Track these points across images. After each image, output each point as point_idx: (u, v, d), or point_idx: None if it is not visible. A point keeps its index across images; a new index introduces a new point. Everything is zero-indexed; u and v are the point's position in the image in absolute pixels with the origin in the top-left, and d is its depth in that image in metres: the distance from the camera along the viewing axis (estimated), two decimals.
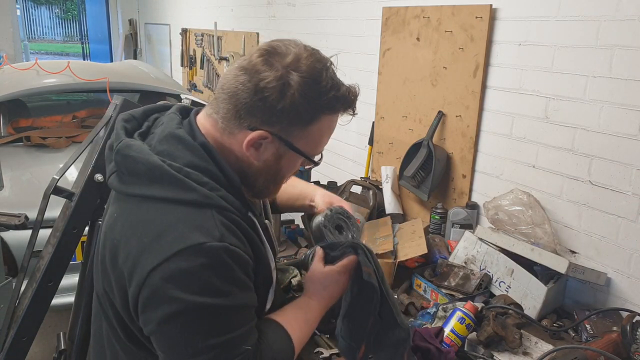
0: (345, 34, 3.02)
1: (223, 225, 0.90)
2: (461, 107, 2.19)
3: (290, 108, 0.91)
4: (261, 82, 0.90)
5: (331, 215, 1.25)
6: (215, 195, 0.92)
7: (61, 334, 1.56)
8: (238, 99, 0.92)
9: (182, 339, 0.87)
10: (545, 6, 1.82)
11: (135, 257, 0.88)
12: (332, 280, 1.13)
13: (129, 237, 0.91)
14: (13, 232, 2.26)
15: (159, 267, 0.85)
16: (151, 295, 0.86)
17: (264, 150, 0.97)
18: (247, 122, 0.93)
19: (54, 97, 4.35)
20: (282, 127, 0.94)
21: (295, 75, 0.91)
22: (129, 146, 0.94)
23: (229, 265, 0.88)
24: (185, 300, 0.85)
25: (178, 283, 0.85)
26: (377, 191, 2.40)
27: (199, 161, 0.94)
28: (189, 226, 0.87)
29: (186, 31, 5.78)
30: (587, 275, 1.67)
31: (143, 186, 0.92)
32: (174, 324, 0.86)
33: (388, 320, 1.17)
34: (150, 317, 0.88)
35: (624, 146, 1.63)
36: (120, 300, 0.94)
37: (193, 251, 0.85)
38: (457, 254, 1.93)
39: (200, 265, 0.85)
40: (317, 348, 1.48)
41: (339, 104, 0.97)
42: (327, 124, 0.99)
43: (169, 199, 0.90)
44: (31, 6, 23.92)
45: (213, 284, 0.86)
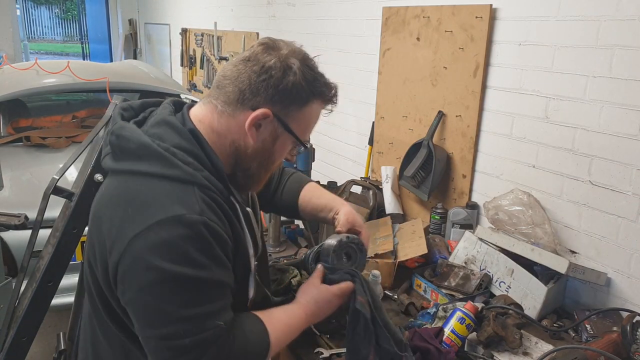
0: (345, 34, 3.02)
1: (204, 201, 0.95)
2: (461, 107, 2.19)
3: (291, 87, 1.01)
4: (266, 63, 1.00)
5: (345, 242, 1.27)
6: (197, 174, 0.97)
7: (61, 334, 1.56)
8: (243, 81, 1.01)
9: (157, 308, 0.90)
10: (545, 6, 1.82)
11: (119, 226, 0.93)
12: (325, 298, 1.17)
13: (114, 208, 0.96)
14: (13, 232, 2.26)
15: (140, 235, 0.89)
16: (131, 263, 0.90)
17: (263, 130, 1.04)
18: (250, 102, 1.01)
19: (54, 97, 4.35)
20: (283, 106, 1.03)
21: (295, 60, 1.02)
22: (123, 127, 1.02)
23: (206, 239, 0.92)
24: (163, 269, 0.88)
25: (157, 252, 0.89)
26: (377, 191, 2.40)
27: (185, 144, 1.00)
28: (171, 199, 0.92)
29: (186, 31, 5.78)
30: (587, 275, 1.67)
31: (132, 162, 0.98)
32: (150, 292, 0.90)
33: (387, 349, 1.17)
34: (129, 285, 0.92)
35: (624, 146, 1.63)
36: (102, 270, 0.98)
37: (173, 222, 0.90)
38: (457, 254, 1.93)
39: (179, 236, 0.90)
40: (317, 348, 1.48)
41: (327, 91, 1.08)
42: (315, 110, 1.09)
43: (154, 173, 0.95)
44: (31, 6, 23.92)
45: (190, 255, 0.90)
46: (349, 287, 1.18)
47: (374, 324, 1.16)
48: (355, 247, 1.28)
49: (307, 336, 1.51)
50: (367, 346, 1.14)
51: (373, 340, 1.15)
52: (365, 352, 1.15)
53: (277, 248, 2.17)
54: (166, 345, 0.91)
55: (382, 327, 1.17)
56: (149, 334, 0.93)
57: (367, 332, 1.15)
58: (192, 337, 0.91)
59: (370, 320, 1.15)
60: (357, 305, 1.15)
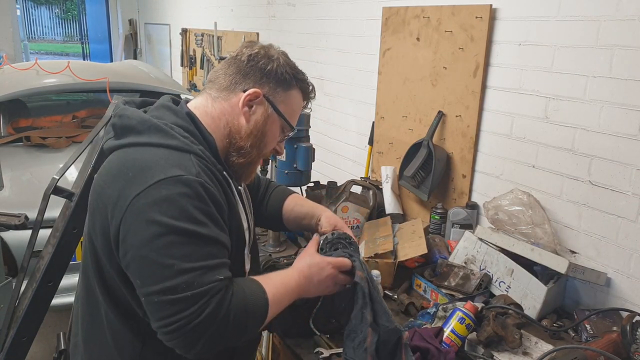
0: (345, 34, 3.02)
1: (200, 167, 1.03)
2: (461, 107, 2.19)
3: (276, 70, 1.15)
4: (251, 53, 1.15)
5: (332, 238, 1.30)
6: (194, 146, 1.06)
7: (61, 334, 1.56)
8: (232, 69, 1.16)
9: (158, 262, 0.94)
10: (545, 6, 1.82)
11: (120, 190, 0.98)
12: (318, 263, 1.20)
13: (115, 176, 1.01)
14: (13, 232, 2.26)
15: (141, 193, 0.95)
16: (132, 220, 0.95)
17: (255, 110, 1.15)
18: (241, 85, 1.14)
19: (54, 97, 4.35)
20: (270, 88, 1.15)
21: (275, 51, 1.18)
22: (125, 109, 1.11)
23: (204, 198, 0.99)
24: (163, 223, 0.93)
25: (157, 207, 0.94)
26: (377, 191, 2.40)
27: (182, 122, 1.10)
28: (170, 163, 0.99)
29: (186, 31, 5.78)
30: (587, 275, 1.67)
31: (132, 136, 1.06)
32: (151, 247, 0.94)
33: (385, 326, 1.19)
34: (130, 242, 0.96)
35: (624, 146, 1.63)
36: (102, 238, 1.02)
37: (173, 181, 0.96)
38: (457, 254, 1.93)
39: (178, 193, 0.96)
40: (317, 348, 1.48)
41: (306, 85, 1.22)
42: (298, 99, 1.21)
43: (153, 143, 1.03)
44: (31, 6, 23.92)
45: (189, 211, 0.96)
46: (344, 261, 1.22)
47: (372, 299, 1.19)
48: (344, 241, 1.30)
49: (307, 336, 1.51)
50: (365, 328, 1.16)
51: (371, 319, 1.16)
52: (363, 335, 1.16)
53: (277, 248, 2.17)
54: (168, 300, 0.93)
55: (380, 303, 1.20)
56: (151, 290, 0.95)
57: (365, 309, 1.17)
58: (194, 290, 0.93)
59: (368, 296, 1.18)
60: (357, 279, 1.18)
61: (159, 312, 0.95)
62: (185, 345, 0.95)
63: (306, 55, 3.45)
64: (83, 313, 1.17)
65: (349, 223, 2.23)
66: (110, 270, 1.04)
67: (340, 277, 1.22)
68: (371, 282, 1.22)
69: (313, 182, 2.40)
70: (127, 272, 1.00)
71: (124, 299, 1.05)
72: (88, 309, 1.15)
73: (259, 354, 2.03)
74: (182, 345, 0.95)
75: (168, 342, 0.96)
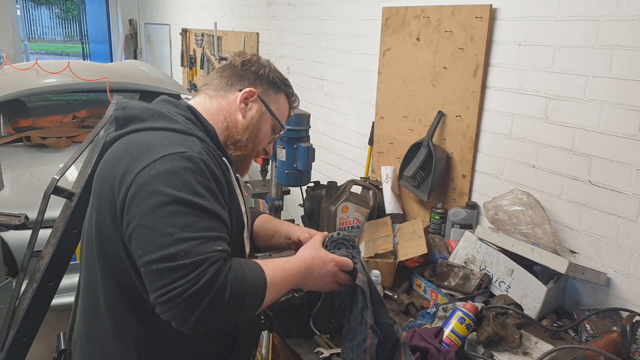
0: (345, 34, 3.02)
1: (202, 148, 1.09)
2: (461, 107, 2.19)
3: (267, 75, 1.27)
4: (244, 59, 1.27)
5: (337, 238, 1.32)
6: (196, 131, 1.13)
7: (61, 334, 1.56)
8: (227, 72, 1.26)
9: (159, 230, 0.96)
10: (545, 6, 1.82)
11: (126, 167, 1.03)
12: (321, 257, 1.22)
13: (120, 158, 1.06)
14: (13, 232, 2.27)
15: (146, 167, 1.00)
16: (137, 190, 0.99)
17: (250, 108, 1.25)
18: (237, 85, 1.25)
19: (54, 97, 4.35)
20: (263, 89, 1.27)
21: (263, 59, 1.30)
22: (127, 102, 1.18)
23: (205, 173, 1.04)
24: (166, 193, 0.98)
25: (162, 179, 0.99)
26: (377, 191, 2.40)
27: (183, 112, 1.17)
28: (173, 142, 1.06)
29: (186, 31, 5.77)
30: (587, 275, 1.67)
31: (136, 123, 1.12)
32: (153, 216, 0.97)
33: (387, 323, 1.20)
34: (134, 212, 0.99)
35: (624, 146, 1.63)
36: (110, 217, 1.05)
37: (177, 156, 1.02)
38: (457, 254, 1.93)
39: (182, 167, 1.01)
40: (317, 348, 1.48)
41: (291, 91, 1.34)
42: (285, 103, 1.33)
43: (157, 127, 1.10)
44: (31, 6, 23.93)
45: (191, 184, 1.00)
46: (347, 261, 1.24)
47: (372, 302, 1.20)
48: (347, 243, 1.30)
49: (307, 336, 1.51)
50: (364, 330, 1.16)
51: (371, 322, 1.17)
52: (362, 336, 1.17)
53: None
54: (166, 268, 0.94)
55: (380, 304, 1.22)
56: (150, 258, 0.95)
57: (365, 312, 1.18)
58: (192, 257, 0.95)
59: (369, 299, 1.19)
60: (358, 282, 1.20)
61: (157, 280, 0.95)
62: (181, 315, 0.94)
63: (306, 55, 3.45)
64: (84, 307, 1.19)
65: (349, 223, 2.23)
66: (118, 248, 1.05)
67: (341, 275, 1.23)
68: (372, 284, 1.23)
69: (313, 182, 2.40)
70: (129, 245, 1.02)
71: (128, 281, 1.06)
72: (90, 302, 1.16)
73: (259, 354, 2.03)
74: (178, 315, 0.94)
75: (164, 313, 0.95)
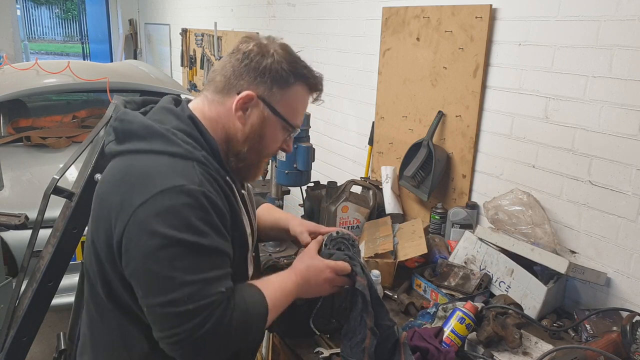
0: (345, 34, 3.02)
1: (202, 175, 1.01)
2: (461, 107, 2.19)
3: (271, 67, 1.08)
4: (245, 50, 1.09)
5: (336, 237, 1.30)
6: (197, 152, 1.04)
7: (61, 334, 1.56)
8: (227, 69, 1.10)
9: (161, 274, 0.94)
10: (545, 6, 1.82)
11: (123, 199, 0.97)
12: (316, 266, 1.21)
13: (118, 184, 1.01)
14: (13, 232, 2.26)
15: (145, 204, 0.94)
16: (135, 231, 0.95)
17: (250, 113, 1.10)
18: (235, 87, 1.09)
19: (54, 97, 4.35)
20: (266, 87, 1.09)
21: (273, 44, 1.12)
22: (126, 113, 1.09)
23: (206, 208, 0.98)
24: (166, 235, 0.93)
25: (160, 218, 0.94)
26: (377, 191, 2.40)
27: (184, 126, 1.07)
28: (172, 171, 0.99)
29: (186, 31, 5.77)
30: (587, 275, 1.67)
31: (134, 142, 1.04)
32: (154, 259, 0.93)
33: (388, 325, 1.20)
34: (133, 253, 0.95)
35: (624, 146, 1.63)
36: (105, 245, 1.01)
37: (176, 191, 0.95)
38: (457, 254, 1.93)
39: (181, 204, 0.95)
40: (317, 348, 1.48)
41: (310, 78, 1.14)
42: (301, 95, 1.15)
43: (155, 150, 1.02)
44: (31, 6, 23.92)
45: (192, 222, 0.95)
46: (343, 265, 1.22)
47: (373, 304, 1.19)
48: (347, 242, 1.30)
49: (307, 336, 1.51)
50: (364, 330, 1.16)
51: (371, 324, 1.17)
52: (361, 336, 1.16)
53: (277, 248, 2.17)
54: (171, 312, 0.93)
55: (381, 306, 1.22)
56: (153, 302, 0.95)
57: (365, 313, 1.18)
58: (196, 302, 0.93)
59: (370, 302, 1.19)
60: (358, 285, 1.19)
61: (162, 323, 0.95)
62: (188, 356, 0.96)
63: (306, 55, 3.42)
64: (90, 313, 1.16)
65: (349, 223, 2.23)
66: (113, 276, 1.03)
67: (338, 280, 1.23)
68: (372, 285, 1.23)
69: (313, 182, 2.40)
70: (130, 280, 0.99)
71: (127, 303, 1.05)
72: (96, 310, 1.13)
73: (259, 354, 2.03)
74: (185, 356, 0.96)
75: (170, 352, 0.96)
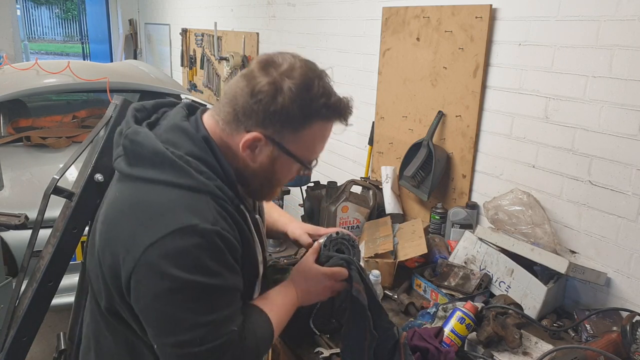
0: (345, 34, 3.02)
1: (216, 211, 0.97)
2: (461, 107, 2.19)
3: (281, 110, 0.98)
4: (256, 86, 0.98)
5: (335, 238, 1.30)
6: (211, 184, 0.98)
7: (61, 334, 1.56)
8: (237, 102, 1.00)
9: (173, 316, 0.92)
10: (545, 6, 1.82)
11: (133, 235, 0.93)
12: (314, 276, 1.21)
13: (127, 216, 0.96)
14: (13, 232, 2.26)
15: (155, 244, 0.90)
16: (146, 271, 0.91)
17: (259, 152, 1.03)
18: (244, 124, 1.01)
19: (54, 97, 4.35)
20: (275, 129, 1.00)
21: (288, 81, 0.98)
22: (137, 132, 1.01)
23: (220, 247, 0.95)
24: (178, 277, 0.90)
25: (173, 260, 0.90)
26: (377, 191, 2.40)
27: (199, 152, 1.00)
28: (185, 208, 0.94)
29: (186, 31, 5.77)
30: (587, 275, 1.67)
31: (146, 169, 0.98)
32: (166, 300, 0.91)
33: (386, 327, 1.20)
34: (143, 292, 0.93)
35: (624, 146, 1.63)
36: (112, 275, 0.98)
37: (188, 231, 0.91)
38: (457, 254, 1.93)
39: (193, 245, 0.91)
40: (317, 348, 1.48)
41: (330, 112, 1.02)
42: (319, 131, 1.04)
43: (168, 182, 0.96)
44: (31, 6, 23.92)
45: (205, 264, 0.92)
46: (340, 271, 1.22)
47: (371, 309, 1.20)
48: (347, 242, 1.31)
49: (307, 336, 1.51)
50: (362, 331, 1.17)
51: (369, 326, 1.18)
52: (360, 337, 1.17)
53: (277, 248, 2.17)
54: (182, 353, 0.92)
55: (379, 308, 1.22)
56: (165, 342, 0.94)
57: (363, 318, 1.18)
58: (208, 344, 0.93)
59: (367, 307, 1.19)
60: (354, 292, 1.19)
61: None
62: None
63: (306, 55, 3.42)
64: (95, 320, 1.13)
65: (349, 223, 2.23)
66: (120, 302, 1.00)
67: (338, 286, 1.24)
68: (370, 288, 1.22)
69: (313, 182, 2.40)
70: (139, 315, 0.97)
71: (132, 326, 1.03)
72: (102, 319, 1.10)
73: None
74: None
75: None
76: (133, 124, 1.05)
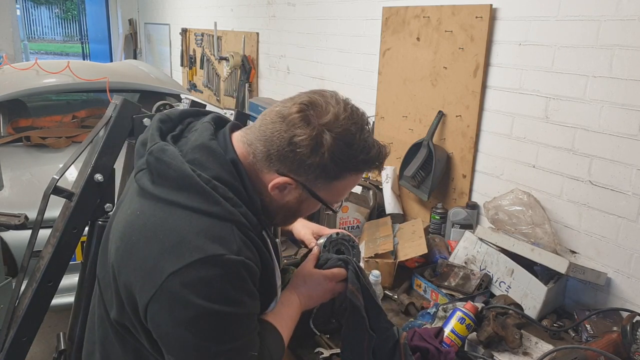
0: (345, 34, 3.02)
1: (241, 240, 0.95)
2: (461, 107, 2.19)
3: (318, 165, 0.97)
4: (296, 136, 0.96)
5: (335, 238, 1.30)
6: (236, 212, 0.96)
7: (61, 334, 1.56)
8: (272, 144, 0.98)
9: (194, 344, 0.91)
10: (545, 6, 1.82)
11: (155, 260, 0.91)
12: (314, 280, 1.22)
13: (150, 238, 0.93)
14: (13, 232, 2.26)
15: (178, 272, 0.89)
16: (168, 298, 0.90)
17: (287, 193, 1.03)
18: (276, 166, 0.99)
19: (54, 97, 4.34)
20: (308, 178, 1.00)
21: (329, 136, 0.96)
22: (163, 150, 0.99)
23: (244, 277, 0.94)
24: (201, 306, 0.89)
25: (196, 289, 0.89)
26: (377, 191, 2.40)
27: (227, 176, 0.98)
28: (210, 237, 0.91)
29: (186, 31, 5.77)
30: (587, 275, 1.67)
31: (172, 191, 0.96)
32: (187, 328, 0.90)
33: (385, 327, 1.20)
34: (164, 319, 0.91)
35: (624, 146, 1.63)
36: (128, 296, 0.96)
37: (213, 261, 0.90)
38: (457, 254, 1.93)
39: (218, 275, 0.90)
40: (317, 348, 1.48)
41: (366, 166, 1.03)
42: (351, 182, 1.05)
43: (194, 208, 0.94)
44: (31, 6, 23.92)
45: (228, 293, 0.91)
46: (340, 272, 1.23)
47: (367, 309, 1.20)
48: (347, 243, 1.32)
49: (307, 336, 1.51)
50: (362, 334, 1.17)
51: (366, 326, 1.18)
52: (360, 337, 1.17)
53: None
54: None
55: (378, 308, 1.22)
56: None
57: (360, 319, 1.18)
58: None
59: (363, 307, 1.19)
60: (348, 294, 1.20)
61: None
62: None
63: (306, 55, 3.45)
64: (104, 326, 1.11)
65: (349, 223, 2.23)
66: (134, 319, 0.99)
67: (338, 287, 1.24)
68: (369, 289, 1.23)
69: None
70: (157, 340, 0.96)
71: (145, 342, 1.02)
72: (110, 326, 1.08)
73: None
74: None
75: None
76: (158, 139, 1.02)
